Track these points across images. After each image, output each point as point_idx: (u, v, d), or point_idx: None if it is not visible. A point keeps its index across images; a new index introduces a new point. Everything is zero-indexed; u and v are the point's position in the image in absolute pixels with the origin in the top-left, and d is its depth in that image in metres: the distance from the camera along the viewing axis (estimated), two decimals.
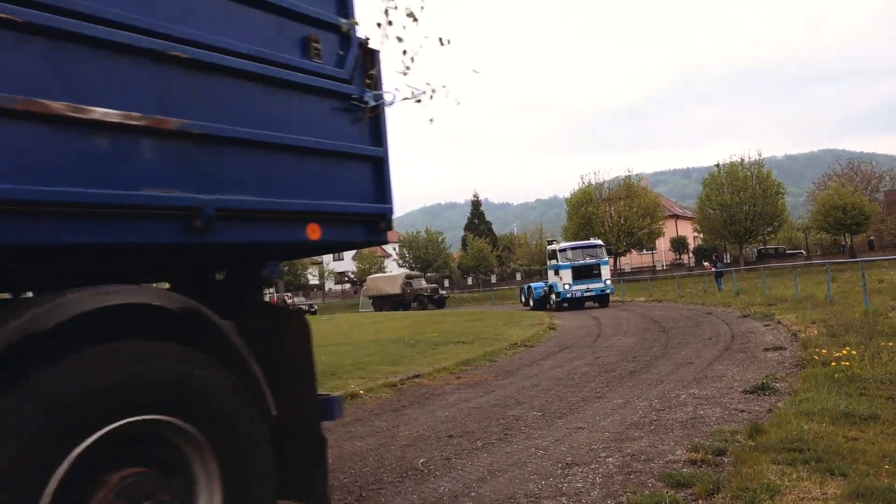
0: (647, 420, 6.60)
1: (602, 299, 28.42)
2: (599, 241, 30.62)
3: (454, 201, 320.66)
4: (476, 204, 77.56)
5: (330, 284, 78.16)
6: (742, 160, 50.02)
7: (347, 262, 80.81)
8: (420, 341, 15.81)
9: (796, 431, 5.36)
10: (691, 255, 60.10)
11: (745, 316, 16.68)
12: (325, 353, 14.68)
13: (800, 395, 6.66)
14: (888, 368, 7.38)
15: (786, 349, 10.46)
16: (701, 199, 52.63)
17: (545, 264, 65.60)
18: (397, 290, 46.39)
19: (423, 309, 42.75)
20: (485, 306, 41.46)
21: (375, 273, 68.46)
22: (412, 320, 26.01)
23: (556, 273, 29.12)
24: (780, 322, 14.03)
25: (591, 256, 28.81)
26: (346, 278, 73.13)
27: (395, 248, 69.44)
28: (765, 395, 7.27)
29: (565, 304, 28.77)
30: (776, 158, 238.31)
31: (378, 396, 9.17)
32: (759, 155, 50.56)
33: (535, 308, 30.53)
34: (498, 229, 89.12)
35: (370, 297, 48.79)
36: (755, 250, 58.40)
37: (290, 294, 61.73)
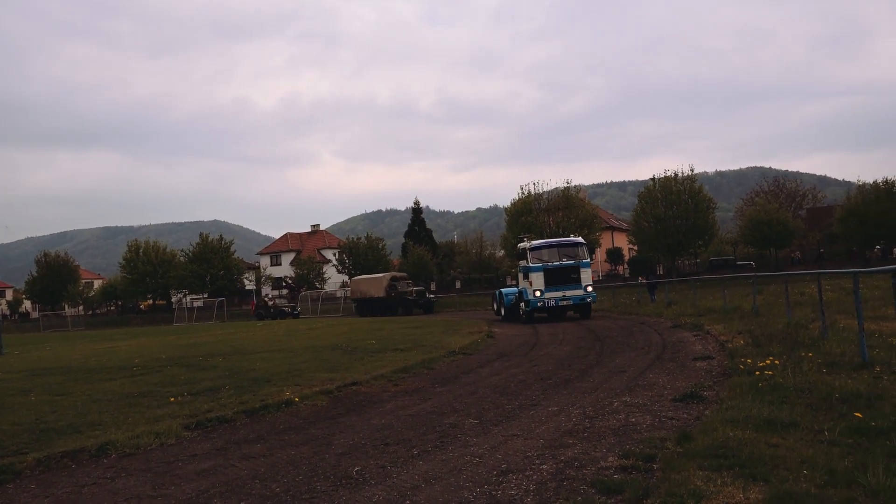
0: (580, 427, 6.70)
1: (583, 309, 23.77)
2: (580, 239, 25.45)
3: (395, 208, 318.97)
4: (417, 211, 77.44)
5: (267, 290, 76.70)
6: (676, 175, 51.67)
7: (285, 268, 79.56)
8: (358, 348, 15.65)
9: (722, 438, 5.53)
10: (626, 266, 61.56)
11: (677, 326, 17.12)
12: (259, 359, 14.38)
13: (726, 404, 6.88)
14: (808, 378, 7.70)
15: (714, 359, 10.78)
16: (636, 211, 54.11)
17: (485, 272, 65.78)
18: (381, 293, 42.82)
19: (409, 314, 39.56)
20: (434, 314, 41.34)
21: (315, 279, 67.55)
22: (351, 327, 25.74)
23: (526, 277, 24.26)
24: (708, 332, 14.47)
25: (569, 257, 23.97)
26: (284, 283, 71.89)
27: (334, 254, 68.83)
28: (693, 403, 7.48)
29: (543, 315, 24.34)
30: (707, 174, 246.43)
31: (313, 404, 9.02)
32: (692, 170, 52.38)
33: (506, 318, 26.27)
34: (438, 237, 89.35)
35: (354, 300, 45.75)
36: (709, 260, 60.00)
37: (270, 296, 59.95)
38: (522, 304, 24.46)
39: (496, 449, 6.10)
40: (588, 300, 23.63)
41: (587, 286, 23.68)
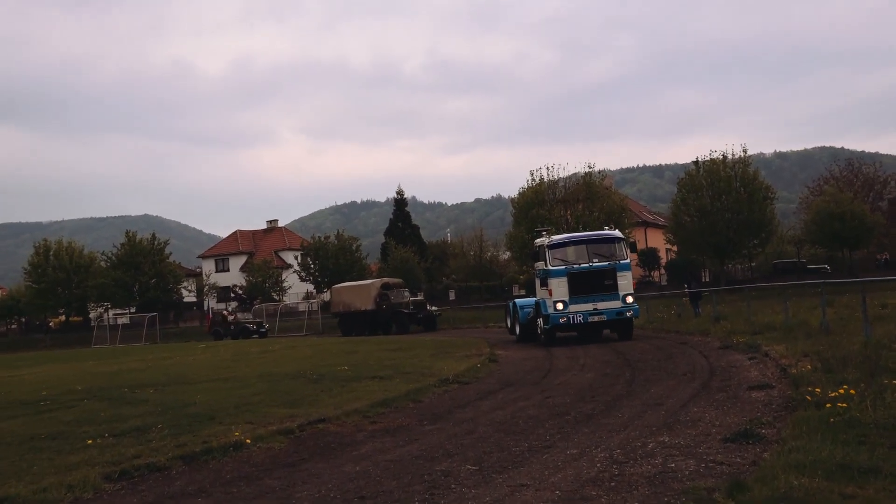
0: (606, 475, 6.70)
1: (622, 327, 22.96)
2: (617, 232, 24.45)
3: (373, 199, 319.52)
4: (400, 203, 77.59)
5: (212, 302, 76.55)
6: (725, 157, 51.84)
7: (234, 274, 79.43)
8: (325, 376, 15.65)
9: (784, 488, 5.53)
10: (663, 271, 61.80)
11: (727, 347, 17.24)
12: (201, 390, 14.34)
13: (789, 444, 6.89)
14: (893, 411, 7.71)
15: (773, 387, 10.86)
16: (675, 203, 54.29)
17: (487, 280, 65.81)
18: (370, 305, 42.60)
19: (404, 331, 39.59)
20: (418, 333, 41.27)
21: (272, 289, 67.46)
22: (317, 349, 25.72)
23: (544, 284, 23.27)
24: (767, 354, 14.55)
25: (602, 256, 22.86)
26: (234, 294, 71.77)
27: (296, 258, 68.76)
28: (748, 443, 7.50)
29: (572, 334, 23.94)
30: (764, 156, 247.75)
31: (269, 447, 9.00)
32: (745, 152, 52.57)
33: (522, 338, 25.68)
34: (427, 235, 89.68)
35: (334, 315, 45.72)
36: (773, 264, 59.62)
37: (229, 308, 59.28)
38: (540, 321, 23.56)
39: (500, 503, 6.08)
40: (628, 314, 22.51)
41: (627, 296, 22.51)
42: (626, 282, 22.67)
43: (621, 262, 22.77)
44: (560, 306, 22.34)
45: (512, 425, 9.57)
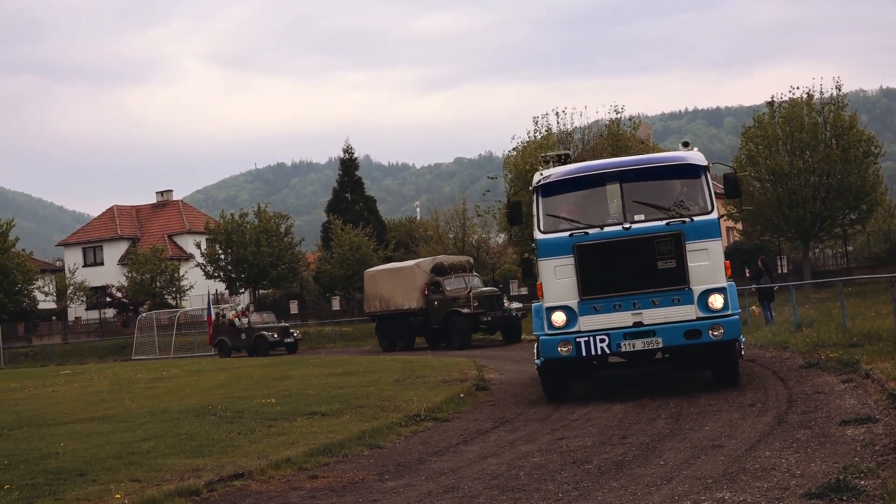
0: None
1: (712, 360, 16.60)
2: (691, 155, 17.08)
3: (310, 160, 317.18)
4: (349, 165, 77.03)
5: (79, 311, 75.83)
6: (810, 96, 51.79)
7: (111, 269, 78.59)
8: (245, 412, 15.64)
9: None
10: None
11: (812, 365, 17.36)
12: (66, 435, 14.30)
13: None
14: None
15: (877, 421, 10.92)
16: (740, 161, 54.22)
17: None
18: (415, 301, 39.86)
19: (464, 345, 36.52)
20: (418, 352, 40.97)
21: (166, 290, 66.71)
22: (231, 374, 25.60)
23: (530, 271, 19.25)
24: (868, 375, 14.60)
25: (657, 205, 16.22)
26: (109, 297, 71.22)
27: (199, 244, 68.20)
28: (841, 499, 7.56)
29: (613, 363, 17.36)
30: (866, 95, 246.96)
31: None
32: (839, 89, 52.40)
33: (548, 381, 17.48)
34: (388, 211, 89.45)
35: (371, 316, 43.58)
36: None
37: (239, 308, 56.08)
38: (536, 348, 16.95)
39: None
40: (714, 335, 15.37)
41: (711, 293, 15.65)
42: (707, 263, 15.82)
43: (698, 219, 15.86)
44: (559, 319, 15.98)
45: (510, 479, 9.61)
